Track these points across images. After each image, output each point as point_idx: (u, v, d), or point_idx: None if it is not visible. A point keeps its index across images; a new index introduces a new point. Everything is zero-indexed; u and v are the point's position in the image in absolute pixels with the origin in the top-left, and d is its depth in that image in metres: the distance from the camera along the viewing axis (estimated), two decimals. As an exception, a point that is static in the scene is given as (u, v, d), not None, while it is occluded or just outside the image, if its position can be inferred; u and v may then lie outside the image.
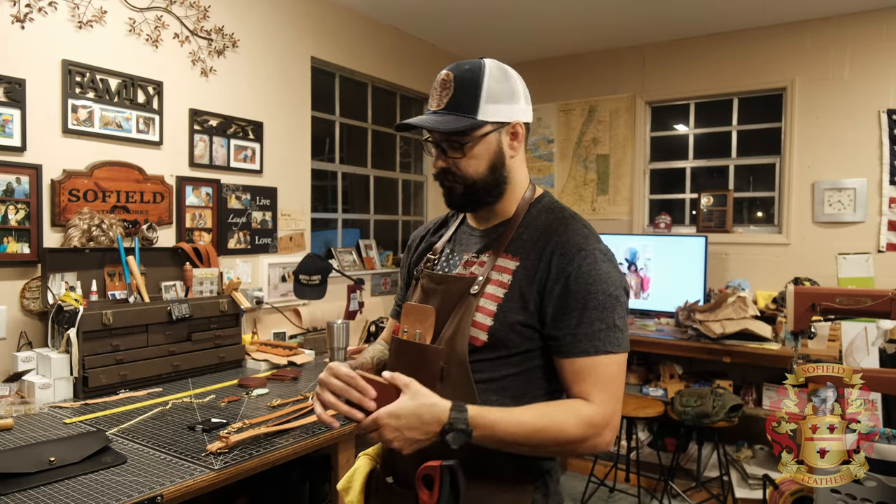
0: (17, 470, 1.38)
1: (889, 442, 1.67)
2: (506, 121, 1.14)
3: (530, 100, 1.21)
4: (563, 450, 1.04)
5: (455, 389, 1.06)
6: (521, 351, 1.08)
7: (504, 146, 1.14)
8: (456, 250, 1.23)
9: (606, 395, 1.03)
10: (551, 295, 1.06)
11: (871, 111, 3.64)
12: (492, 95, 1.13)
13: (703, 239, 3.92)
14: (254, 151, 3.07)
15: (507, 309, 1.07)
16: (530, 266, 1.09)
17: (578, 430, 1.01)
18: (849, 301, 1.93)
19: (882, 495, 1.62)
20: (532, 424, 1.00)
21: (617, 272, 1.08)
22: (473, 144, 1.12)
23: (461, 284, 1.13)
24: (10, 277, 2.18)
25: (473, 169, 1.13)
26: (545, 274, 1.07)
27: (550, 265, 1.07)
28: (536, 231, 1.12)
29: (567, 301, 1.05)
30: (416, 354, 1.13)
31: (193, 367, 2.36)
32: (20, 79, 2.18)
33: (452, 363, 1.08)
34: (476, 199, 1.15)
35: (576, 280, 1.04)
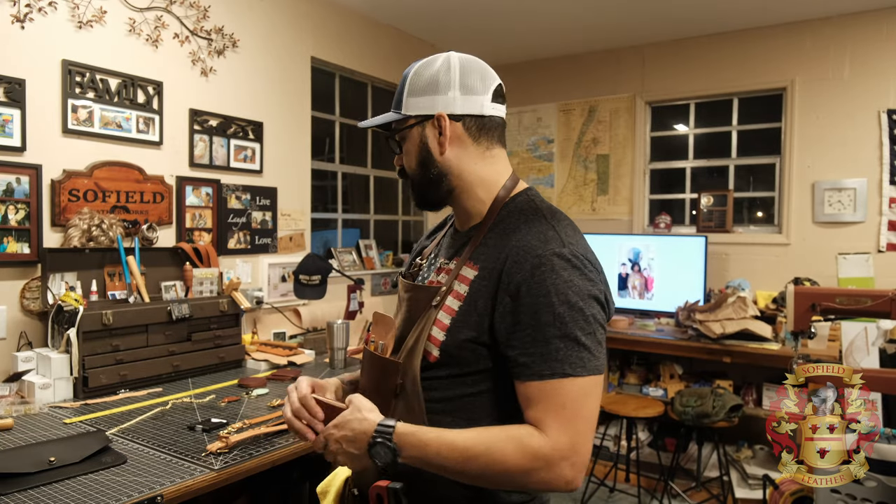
0: (17, 470, 1.38)
1: (889, 442, 1.67)
2: (428, 114, 1.05)
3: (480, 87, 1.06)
4: (507, 482, 0.91)
5: (407, 407, 1.00)
6: (474, 371, 0.97)
7: (429, 140, 1.05)
8: (439, 255, 1.14)
9: (562, 423, 0.88)
10: (503, 310, 0.93)
11: (871, 111, 3.64)
12: (413, 89, 1.06)
13: (703, 239, 3.92)
14: (254, 151, 3.07)
15: (460, 323, 0.97)
16: (487, 275, 0.97)
17: (520, 462, 0.87)
18: (849, 301, 1.93)
19: (882, 495, 1.62)
20: (465, 449, 0.89)
21: (583, 279, 0.93)
22: (402, 140, 1.09)
23: (426, 294, 1.04)
24: (10, 277, 2.18)
25: (408, 165, 1.09)
26: (496, 285, 0.95)
27: (501, 274, 0.95)
28: (502, 235, 1.00)
29: (519, 316, 0.92)
30: (378, 367, 1.07)
31: (193, 367, 2.36)
32: (20, 79, 2.18)
33: (407, 378, 1.00)
34: (424, 197, 1.10)
35: (528, 291, 0.91)
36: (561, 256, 0.93)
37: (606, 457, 3.80)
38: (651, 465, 3.74)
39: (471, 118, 1.05)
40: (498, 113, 1.08)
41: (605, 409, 3.53)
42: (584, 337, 0.91)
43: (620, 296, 4.20)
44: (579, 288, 0.92)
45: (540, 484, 0.89)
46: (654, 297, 4.08)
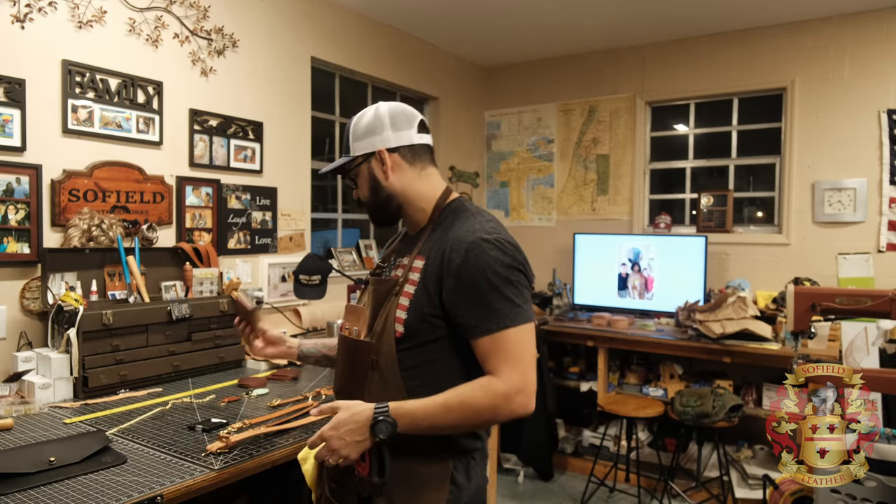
0: (17, 470, 1.38)
1: (889, 442, 1.66)
2: (370, 151, 1.33)
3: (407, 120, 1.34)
4: (481, 420, 1.16)
5: (383, 377, 1.23)
6: (432, 339, 1.22)
7: (375, 171, 1.33)
8: (396, 256, 1.39)
9: (511, 365, 1.15)
10: (448, 288, 1.19)
11: (871, 111, 3.64)
12: (356, 136, 1.35)
13: (703, 239, 3.92)
14: (254, 151, 3.07)
15: (416, 303, 1.22)
16: (432, 263, 1.23)
17: (487, 401, 1.13)
18: (849, 301, 1.93)
19: (882, 495, 1.62)
20: (445, 404, 1.14)
21: (504, 255, 1.19)
22: (355, 176, 1.37)
23: (387, 285, 1.28)
24: (10, 277, 2.18)
25: (363, 194, 1.37)
26: (440, 270, 1.20)
27: (443, 261, 1.20)
28: (442, 232, 1.27)
29: (462, 292, 1.18)
30: (353, 348, 1.30)
31: (193, 367, 2.36)
32: (20, 79, 2.18)
33: (381, 354, 1.24)
34: (378, 217, 1.37)
35: (466, 271, 1.17)
36: (486, 241, 1.19)
37: (606, 457, 3.80)
38: (651, 465, 3.74)
39: (404, 148, 1.33)
40: (425, 140, 1.36)
41: (606, 409, 3.53)
42: (514, 297, 1.18)
43: (620, 296, 4.20)
44: (503, 262, 1.18)
45: (507, 415, 1.15)
46: (654, 297, 4.08)
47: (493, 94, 5.04)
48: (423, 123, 1.37)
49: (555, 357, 4.22)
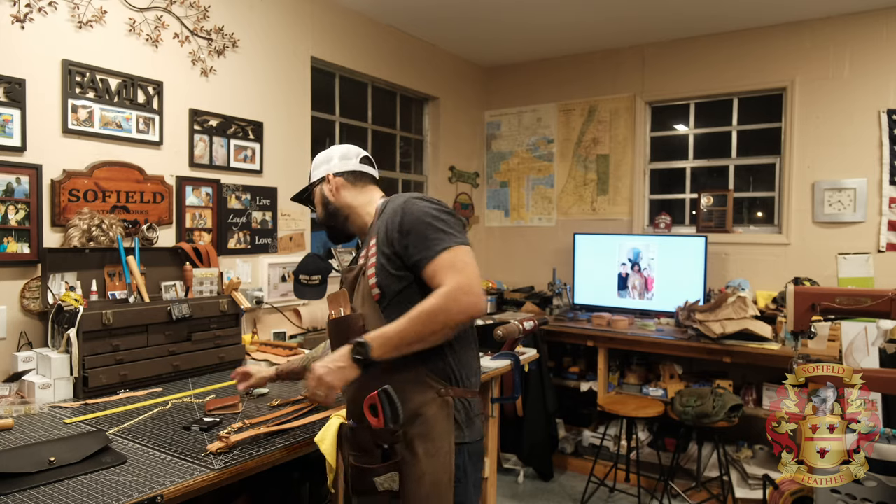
0: (17, 470, 1.38)
1: (889, 442, 1.66)
2: (322, 176, 1.72)
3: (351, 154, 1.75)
4: (440, 322, 1.36)
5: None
6: (400, 289, 1.47)
7: (325, 192, 1.70)
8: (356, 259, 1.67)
9: (454, 273, 1.37)
10: (397, 240, 1.45)
11: (871, 111, 3.64)
12: (315, 166, 1.76)
13: (703, 239, 3.92)
14: (254, 151, 3.07)
15: (380, 267, 1.49)
16: (381, 236, 1.51)
17: (437, 302, 1.35)
18: (849, 301, 1.93)
19: (882, 495, 1.62)
20: (408, 317, 1.36)
21: (431, 204, 1.47)
22: (312, 197, 1.77)
23: (355, 271, 1.58)
24: (10, 277, 2.18)
25: (318, 212, 1.72)
26: (388, 234, 1.47)
27: (388, 227, 1.48)
28: (381, 216, 1.56)
29: (407, 238, 1.43)
30: (344, 324, 1.51)
31: (193, 367, 2.36)
32: (20, 79, 2.18)
33: (370, 318, 1.48)
34: (333, 231, 1.73)
35: (406, 222, 1.44)
36: (415, 198, 1.50)
37: (606, 457, 3.80)
38: (651, 465, 3.74)
39: (347, 172, 1.71)
40: (367, 169, 1.75)
41: (606, 408, 3.53)
42: (446, 228, 1.43)
43: (620, 296, 4.20)
44: (432, 207, 1.47)
45: (457, 312, 1.36)
46: (654, 297, 4.08)
47: (493, 94, 5.04)
48: (366, 158, 1.76)
49: (555, 357, 4.22)
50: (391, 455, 1.38)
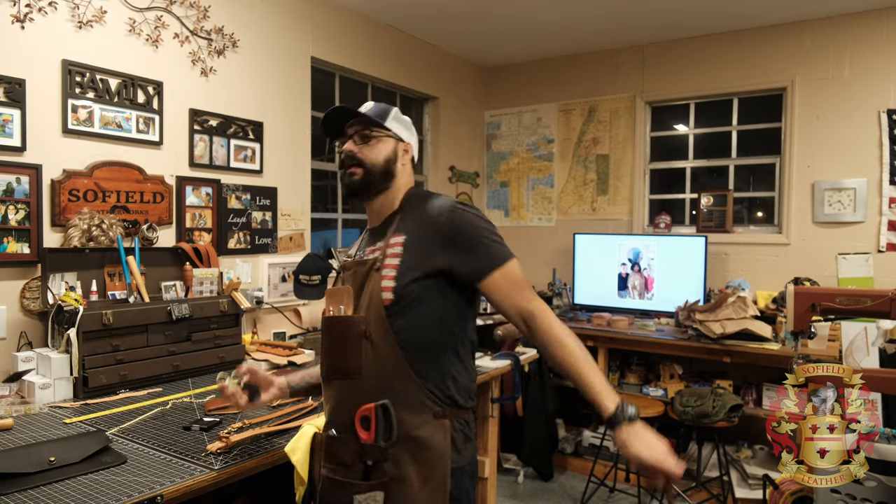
0: (17, 470, 1.38)
1: (889, 442, 1.66)
2: (402, 138, 1.50)
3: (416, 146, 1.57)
4: (580, 347, 1.32)
5: (376, 345, 1.34)
6: (418, 298, 1.34)
7: (398, 152, 1.49)
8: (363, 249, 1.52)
9: (528, 291, 1.36)
10: (443, 246, 1.34)
11: (871, 111, 3.64)
12: (397, 118, 1.51)
13: (703, 239, 3.92)
14: (254, 151, 3.07)
15: (404, 270, 1.34)
16: (416, 236, 1.37)
17: (568, 337, 1.31)
18: (849, 301, 1.93)
19: (882, 495, 1.62)
20: (589, 362, 1.29)
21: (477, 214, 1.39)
22: (378, 140, 1.47)
23: (365, 266, 1.41)
24: (10, 277, 2.18)
25: (373, 156, 1.46)
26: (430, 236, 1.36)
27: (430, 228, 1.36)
28: (413, 211, 1.43)
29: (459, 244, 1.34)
30: (342, 325, 1.38)
31: (193, 367, 2.36)
32: (20, 79, 2.18)
33: (372, 324, 1.34)
34: (369, 184, 1.45)
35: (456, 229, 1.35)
36: (460, 205, 1.40)
37: (606, 457, 3.80)
38: (651, 465, 3.73)
39: (413, 158, 1.56)
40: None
41: (605, 409, 3.52)
42: (500, 241, 1.38)
43: (620, 296, 4.20)
44: (479, 217, 1.39)
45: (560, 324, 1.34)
46: (654, 297, 4.08)
47: (493, 94, 5.04)
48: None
49: (555, 357, 4.21)
50: (376, 473, 1.28)
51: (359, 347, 1.34)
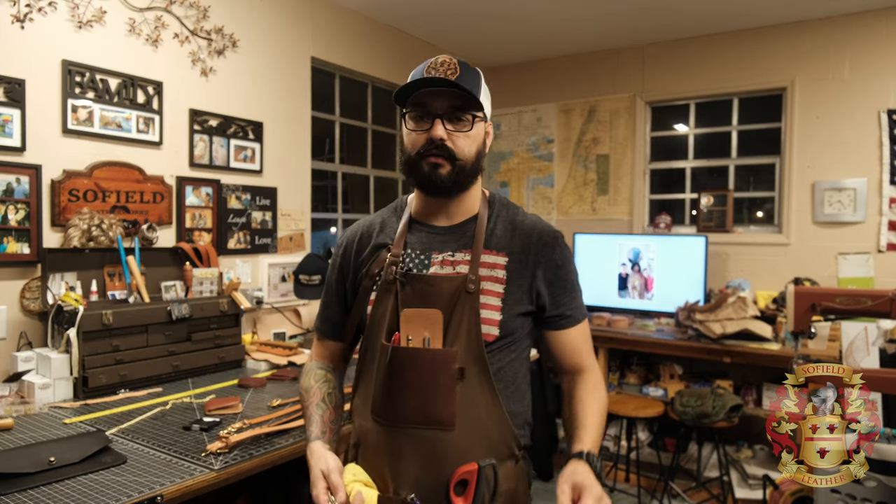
0: (17, 470, 1.38)
1: (889, 442, 1.67)
2: (489, 118, 1.22)
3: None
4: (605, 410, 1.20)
5: (474, 386, 1.13)
6: (521, 337, 1.19)
7: (487, 138, 1.23)
8: (421, 250, 1.21)
9: (591, 355, 1.26)
10: (548, 279, 1.19)
11: (871, 111, 3.64)
12: (484, 91, 1.19)
13: (703, 239, 3.92)
14: (254, 151, 3.07)
15: (512, 301, 1.15)
16: (517, 259, 1.18)
17: (604, 392, 1.21)
18: (849, 301, 1.93)
19: (882, 495, 1.62)
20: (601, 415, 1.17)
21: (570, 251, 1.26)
22: (474, 124, 1.16)
23: (453, 284, 1.14)
24: (10, 277, 2.18)
25: (467, 148, 1.16)
26: (530, 261, 1.18)
27: (539, 256, 1.19)
28: (506, 225, 1.23)
29: (562, 283, 1.20)
30: (428, 361, 1.12)
31: (193, 367, 2.36)
32: (20, 79, 2.18)
33: (470, 362, 1.12)
34: (461, 181, 1.17)
35: (562, 263, 1.20)
36: (561, 236, 1.25)
37: (606, 457, 3.80)
38: (651, 465, 3.74)
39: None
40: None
41: (605, 409, 3.52)
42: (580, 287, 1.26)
43: (620, 296, 4.20)
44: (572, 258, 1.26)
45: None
46: (654, 297, 4.08)
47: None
48: None
49: (555, 357, 4.22)
50: None
51: (450, 391, 1.10)
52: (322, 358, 1.38)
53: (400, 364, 1.13)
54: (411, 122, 1.17)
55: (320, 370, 1.33)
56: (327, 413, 1.23)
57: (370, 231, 1.30)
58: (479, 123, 1.17)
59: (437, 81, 1.11)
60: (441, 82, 1.10)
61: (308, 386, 1.29)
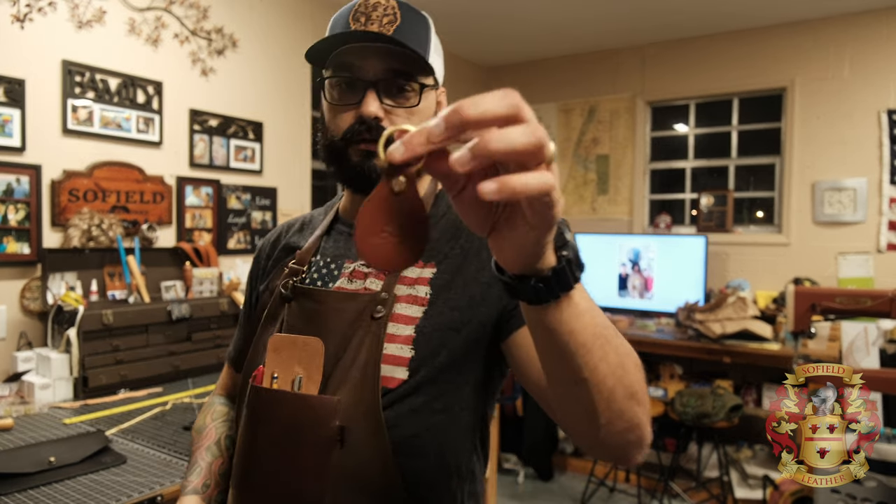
0: (17, 470, 1.38)
1: (889, 442, 1.67)
2: (440, 81, 0.91)
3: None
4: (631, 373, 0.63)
5: (360, 456, 0.76)
6: (451, 380, 0.80)
7: (438, 110, 0.88)
8: (332, 257, 0.91)
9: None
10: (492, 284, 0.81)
11: (871, 111, 3.64)
12: (435, 45, 0.87)
13: (703, 239, 3.92)
14: (254, 151, 3.07)
15: (434, 325, 0.80)
16: (452, 264, 0.83)
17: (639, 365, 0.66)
18: (849, 301, 1.93)
19: (882, 495, 1.62)
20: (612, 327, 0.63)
21: None
22: (422, 95, 0.85)
23: (355, 305, 0.81)
24: (10, 277, 2.18)
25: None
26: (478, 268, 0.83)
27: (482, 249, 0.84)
28: (450, 226, 0.88)
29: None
30: (296, 412, 0.78)
31: (193, 367, 2.36)
32: (20, 79, 2.18)
33: (357, 418, 0.76)
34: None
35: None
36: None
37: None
38: (651, 465, 3.74)
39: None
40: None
41: (605, 409, 3.52)
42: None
43: (620, 296, 4.20)
44: None
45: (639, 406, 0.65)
46: (654, 297, 4.08)
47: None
48: None
49: (555, 357, 4.21)
50: None
51: (325, 459, 0.76)
52: (227, 391, 1.09)
53: (259, 412, 0.81)
54: (334, 91, 0.89)
55: (222, 406, 1.03)
56: (217, 462, 0.94)
57: (288, 231, 1.02)
58: (429, 93, 0.88)
59: (366, 36, 0.79)
60: (373, 37, 0.79)
61: (201, 426, 1.00)
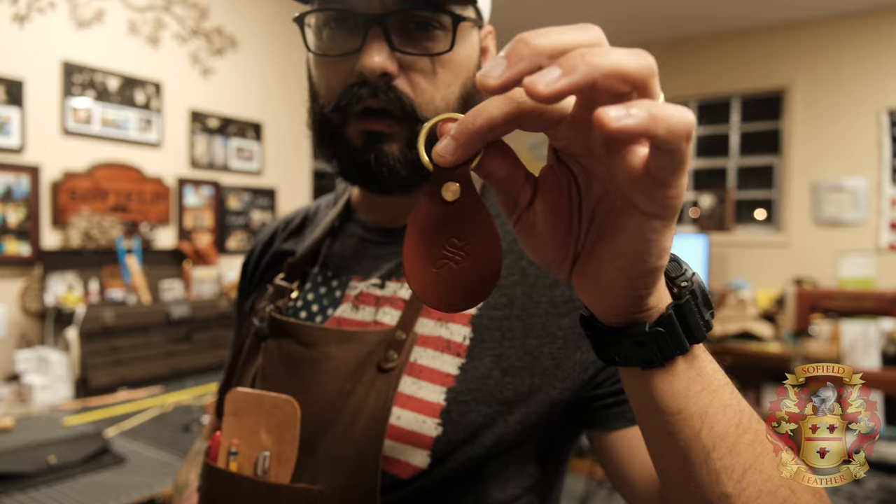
0: (17, 470, 1.38)
1: (889, 442, 1.67)
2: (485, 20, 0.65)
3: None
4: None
5: None
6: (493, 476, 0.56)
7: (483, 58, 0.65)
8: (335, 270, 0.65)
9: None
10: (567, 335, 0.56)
11: (870, 111, 3.64)
12: None
13: (703, 239, 3.92)
14: (254, 151, 3.07)
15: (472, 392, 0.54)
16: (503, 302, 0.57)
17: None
18: (849, 301, 1.93)
19: (882, 495, 1.62)
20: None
21: None
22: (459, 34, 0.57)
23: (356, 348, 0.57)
24: (10, 277, 2.18)
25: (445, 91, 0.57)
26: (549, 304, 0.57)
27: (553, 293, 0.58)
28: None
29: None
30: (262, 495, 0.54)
31: (193, 367, 2.36)
32: (20, 79, 2.18)
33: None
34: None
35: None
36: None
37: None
38: (651, 465, 3.74)
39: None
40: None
41: (605, 409, 3.52)
42: None
43: (620, 296, 4.20)
44: None
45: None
46: (654, 297, 4.08)
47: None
48: None
49: (555, 357, 4.22)
50: None
51: None
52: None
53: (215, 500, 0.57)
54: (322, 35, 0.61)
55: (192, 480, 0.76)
56: None
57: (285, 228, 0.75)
58: (469, 32, 0.62)
59: None
60: None
61: (183, 483, 0.76)
